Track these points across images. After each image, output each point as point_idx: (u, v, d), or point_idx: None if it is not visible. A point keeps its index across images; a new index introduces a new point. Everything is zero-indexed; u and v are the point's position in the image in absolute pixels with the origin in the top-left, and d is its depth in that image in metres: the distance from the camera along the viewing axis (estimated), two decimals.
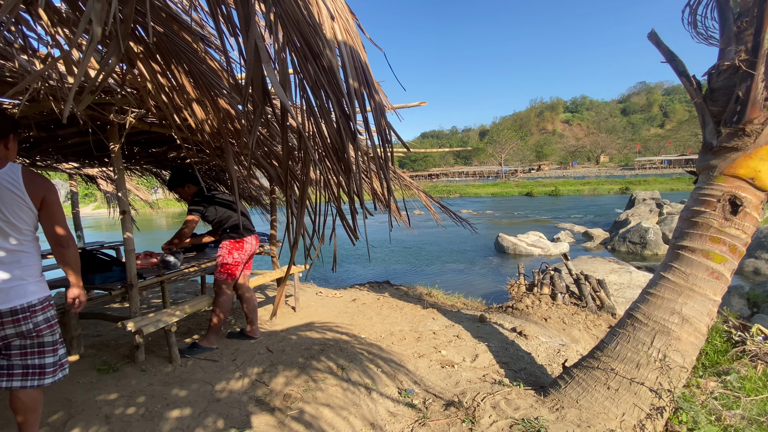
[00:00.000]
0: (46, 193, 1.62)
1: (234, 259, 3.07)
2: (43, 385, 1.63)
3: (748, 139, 2.12)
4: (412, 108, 3.37)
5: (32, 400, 1.64)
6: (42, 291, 1.63)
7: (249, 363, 2.83)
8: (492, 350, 3.36)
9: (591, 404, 2.21)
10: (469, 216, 23.32)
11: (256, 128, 1.08)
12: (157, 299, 5.03)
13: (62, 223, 1.69)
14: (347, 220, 1.32)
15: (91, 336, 3.48)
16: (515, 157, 68.65)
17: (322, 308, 4.56)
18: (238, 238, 3.08)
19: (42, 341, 1.62)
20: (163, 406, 2.25)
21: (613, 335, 2.40)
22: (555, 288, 5.29)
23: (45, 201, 1.62)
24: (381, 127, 1.21)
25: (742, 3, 2.32)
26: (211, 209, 3.10)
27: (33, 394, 1.63)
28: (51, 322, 1.64)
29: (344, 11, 1.24)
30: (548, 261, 8.23)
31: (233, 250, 3.07)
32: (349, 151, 1.22)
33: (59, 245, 1.69)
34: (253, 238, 3.21)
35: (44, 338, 1.62)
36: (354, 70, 1.13)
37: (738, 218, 2.17)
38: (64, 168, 4.95)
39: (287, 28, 1.05)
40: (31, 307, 1.57)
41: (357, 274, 10.05)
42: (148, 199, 8.21)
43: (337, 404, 2.31)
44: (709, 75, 2.42)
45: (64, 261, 1.72)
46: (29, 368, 1.60)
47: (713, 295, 2.21)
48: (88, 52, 0.72)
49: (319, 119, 1.17)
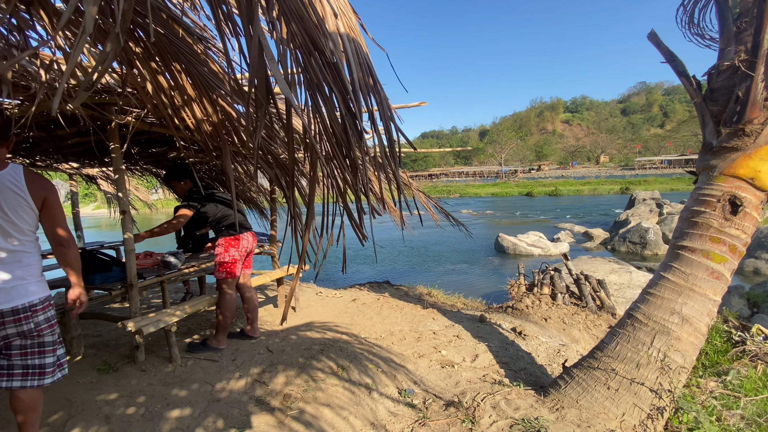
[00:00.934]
0: (47, 194, 1.64)
1: (231, 257, 3.07)
2: (43, 385, 1.63)
3: (748, 139, 2.12)
4: (412, 108, 3.38)
5: (32, 399, 1.64)
6: (43, 291, 1.64)
7: (249, 363, 2.83)
8: (492, 350, 3.36)
9: (591, 404, 2.21)
10: (469, 216, 23.33)
11: (260, 128, 1.07)
12: (157, 299, 5.03)
13: (63, 224, 1.71)
14: (355, 219, 1.29)
15: (91, 336, 3.48)
16: (515, 157, 68.59)
17: (322, 308, 4.56)
18: (235, 234, 3.09)
19: (42, 341, 1.63)
20: (163, 406, 2.25)
21: (613, 335, 2.40)
22: (555, 288, 5.29)
23: (46, 201, 1.64)
24: (387, 124, 1.20)
25: (742, 3, 2.32)
26: (211, 206, 3.11)
27: (33, 394, 1.64)
28: (51, 322, 1.65)
29: (347, 9, 1.23)
30: (548, 261, 8.23)
31: (230, 248, 3.06)
32: (356, 150, 1.20)
33: (60, 245, 1.70)
34: (249, 234, 3.21)
35: (44, 338, 1.63)
36: (359, 66, 1.12)
37: (738, 218, 2.17)
38: (64, 168, 4.94)
39: (291, 24, 1.03)
40: (33, 306, 1.58)
41: (357, 274, 10.05)
42: (148, 199, 8.21)
43: (337, 404, 2.31)
44: (708, 75, 2.42)
45: (66, 261, 1.73)
46: (29, 368, 1.61)
47: (713, 295, 2.21)
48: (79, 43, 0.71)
49: (325, 117, 1.15)
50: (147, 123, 2.72)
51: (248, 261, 3.34)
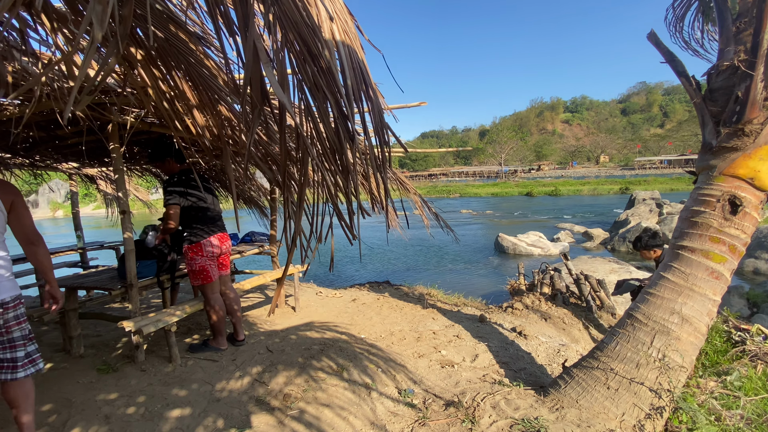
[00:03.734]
0: (14, 198, 1.76)
1: (199, 264, 2.92)
2: (17, 379, 1.72)
3: (748, 139, 2.12)
4: (412, 108, 3.38)
5: (20, 391, 1.74)
6: (14, 289, 1.74)
7: (249, 363, 2.83)
8: (492, 350, 3.36)
9: (591, 404, 2.21)
10: (469, 216, 23.32)
11: (254, 128, 1.08)
12: (157, 299, 5.04)
13: (31, 224, 1.83)
14: (345, 220, 1.32)
15: (91, 336, 3.48)
16: (515, 157, 68.54)
17: (322, 308, 4.56)
18: (196, 242, 2.91)
19: (12, 337, 1.72)
20: (163, 406, 2.26)
21: (613, 335, 2.40)
22: (555, 288, 5.30)
23: (14, 204, 1.76)
24: (379, 128, 1.21)
25: (741, 3, 2.32)
26: (182, 200, 2.87)
27: (18, 386, 1.73)
28: (20, 319, 1.75)
29: (343, 12, 1.24)
30: (548, 261, 8.23)
31: (194, 256, 2.91)
32: (347, 152, 1.22)
33: (31, 243, 1.81)
34: (215, 238, 2.99)
35: (13, 334, 1.72)
36: (352, 71, 1.13)
37: (737, 218, 2.17)
38: (64, 168, 4.95)
39: (286, 29, 1.05)
40: (4, 304, 1.67)
41: (357, 274, 10.05)
42: (148, 199, 8.22)
43: (337, 404, 2.31)
44: (708, 75, 2.42)
45: (37, 259, 1.83)
46: (2, 362, 1.71)
47: (713, 294, 2.21)
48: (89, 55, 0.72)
49: (317, 120, 1.17)
50: (147, 123, 2.72)
51: (225, 262, 3.17)
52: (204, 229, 2.95)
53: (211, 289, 2.99)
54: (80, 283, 3.01)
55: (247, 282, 3.82)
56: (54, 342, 3.34)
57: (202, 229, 2.94)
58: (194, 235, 2.91)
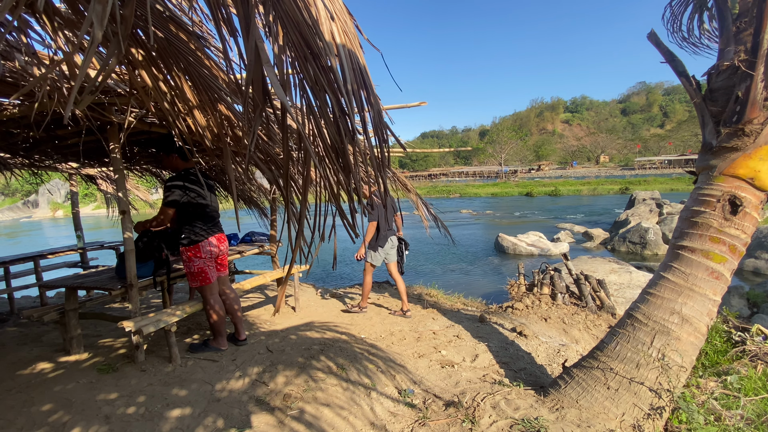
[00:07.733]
0: None
1: (197, 266, 2.91)
2: None
3: (748, 139, 2.12)
4: (412, 108, 3.38)
5: None
6: None
7: (249, 363, 2.83)
8: (492, 350, 3.36)
9: (591, 404, 2.21)
10: (468, 216, 23.31)
11: (255, 129, 1.08)
12: (157, 299, 5.04)
13: None
14: (347, 218, 1.32)
15: (91, 336, 3.49)
16: (515, 157, 68.54)
17: (322, 308, 4.56)
18: (192, 244, 2.89)
19: None
20: (163, 406, 2.26)
21: (613, 335, 2.40)
22: (555, 288, 5.29)
23: None
24: (378, 127, 1.22)
25: (741, 3, 2.32)
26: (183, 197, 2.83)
27: None
28: None
29: (343, 13, 1.24)
30: (548, 261, 8.23)
31: (192, 257, 2.90)
32: (349, 150, 1.22)
33: None
34: (214, 239, 2.99)
35: None
36: (352, 71, 1.13)
37: (738, 218, 2.17)
38: (64, 168, 4.95)
39: (287, 29, 1.05)
40: None
41: (357, 273, 10.04)
42: (148, 199, 8.21)
43: (337, 404, 2.31)
44: (708, 75, 2.42)
45: None
46: None
47: (713, 295, 2.21)
48: (89, 55, 0.72)
49: (319, 118, 1.17)
50: (147, 123, 2.72)
51: (223, 262, 3.16)
52: (204, 228, 2.93)
53: (210, 290, 2.98)
54: (80, 283, 3.01)
55: (247, 282, 3.83)
56: (54, 342, 3.34)
57: (203, 228, 2.92)
58: (194, 234, 2.89)
